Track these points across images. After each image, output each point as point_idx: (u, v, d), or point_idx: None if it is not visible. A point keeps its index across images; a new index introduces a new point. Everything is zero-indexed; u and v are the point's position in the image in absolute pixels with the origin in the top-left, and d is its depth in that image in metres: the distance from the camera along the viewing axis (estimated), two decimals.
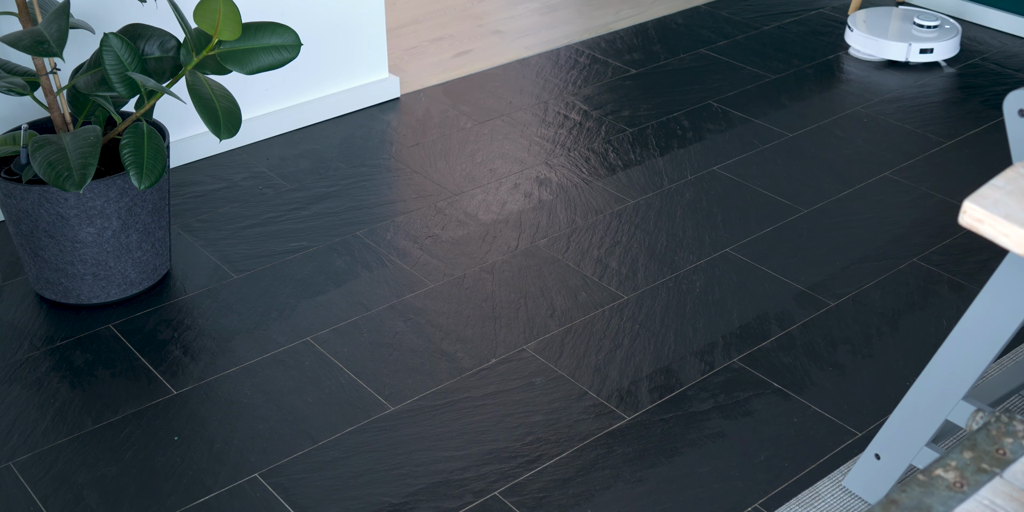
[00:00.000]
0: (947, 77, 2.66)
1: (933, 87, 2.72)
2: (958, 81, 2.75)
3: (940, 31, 2.79)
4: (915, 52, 2.73)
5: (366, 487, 1.57)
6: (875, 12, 2.95)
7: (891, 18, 2.90)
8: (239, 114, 1.72)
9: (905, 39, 2.76)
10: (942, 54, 2.76)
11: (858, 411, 1.71)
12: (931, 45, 2.75)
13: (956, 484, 0.75)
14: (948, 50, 2.78)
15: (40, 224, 1.81)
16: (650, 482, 1.58)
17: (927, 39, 2.76)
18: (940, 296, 1.98)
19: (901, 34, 2.79)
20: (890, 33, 2.80)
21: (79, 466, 1.60)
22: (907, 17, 2.89)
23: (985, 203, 0.96)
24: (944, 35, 2.78)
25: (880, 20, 2.89)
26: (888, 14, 2.94)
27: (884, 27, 2.83)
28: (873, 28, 2.82)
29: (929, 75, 2.76)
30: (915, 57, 2.74)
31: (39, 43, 1.63)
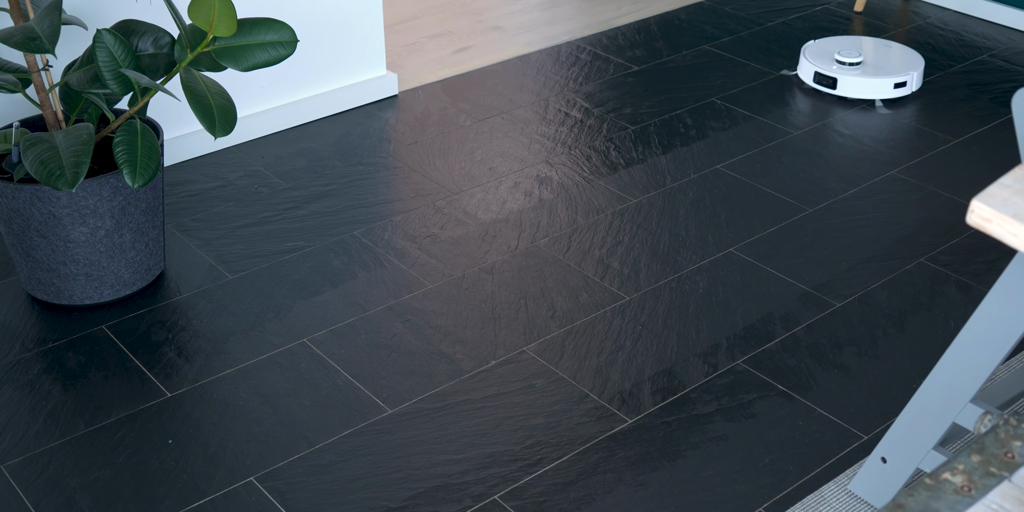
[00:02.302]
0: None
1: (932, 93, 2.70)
2: (966, 79, 2.73)
3: (864, 68, 2.60)
4: (850, 87, 2.58)
5: (363, 491, 1.56)
6: (838, 41, 2.76)
7: (841, 48, 2.70)
8: (234, 112, 1.72)
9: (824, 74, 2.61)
10: (864, 92, 2.58)
11: (864, 414, 1.70)
12: (848, 80, 2.57)
13: (964, 488, 0.74)
14: (880, 89, 2.58)
15: (32, 223, 1.80)
16: (652, 486, 1.57)
17: (843, 75, 2.59)
18: (947, 297, 1.97)
19: (823, 67, 2.62)
20: (817, 64, 2.63)
21: (71, 469, 1.59)
22: (876, 48, 2.73)
23: (993, 202, 0.95)
24: (877, 72, 2.59)
25: (828, 50, 2.71)
26: (843, 44, 2.74)
27: (826, 58, 2.66)
28: (815, 57, 2.67)
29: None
30: (852, 93, 2.59)
31: (31, 39, 1.61)
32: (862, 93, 2.60)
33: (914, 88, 2.63)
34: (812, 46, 2.73)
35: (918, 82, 2.64)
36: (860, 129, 2.53)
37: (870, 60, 2.67)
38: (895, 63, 2.66)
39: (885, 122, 2.55)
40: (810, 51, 2.71)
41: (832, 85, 2.61)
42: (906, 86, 2.60)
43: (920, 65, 2.64)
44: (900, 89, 2.60)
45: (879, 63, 2.66)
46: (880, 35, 2.96)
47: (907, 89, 2.61)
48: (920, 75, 2.63)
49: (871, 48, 2.73)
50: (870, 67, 2.63)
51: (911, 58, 2.69)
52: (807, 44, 2.74)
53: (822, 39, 2.75)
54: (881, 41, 2.77)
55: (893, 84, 2.58)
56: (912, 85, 2.62)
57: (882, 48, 2.74)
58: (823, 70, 2.62)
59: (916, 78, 2.62)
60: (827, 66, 2.63)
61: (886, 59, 2.68)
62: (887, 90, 2.60)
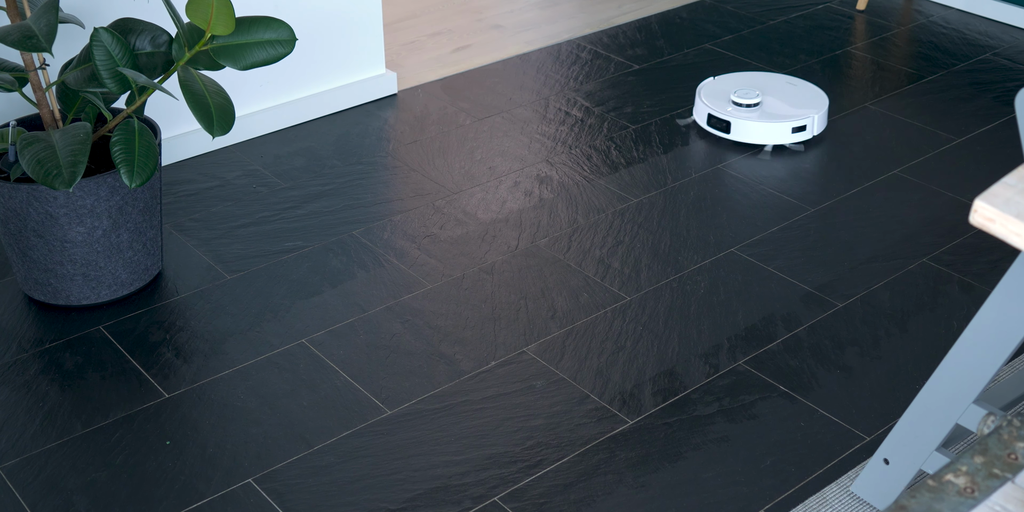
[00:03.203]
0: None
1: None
2: (968, 77, 2.72)
3: (761, 110, 2.37)
4: (744, 132, 2.36)
5: (362, 493, 1.55)
6: (739, 78, 2.53)
7: (740, 87, 2.47)
8: (232, 111, 1.71)
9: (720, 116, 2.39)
10: (760, 137, 2.35)
11: (866, 415, 1.69)
12: (742, 124, 2.35)
13: (967, 490, 0.74)
14: (776, 134, 2.34)
15: (29, 223, 1.79)
16: (653, 487, 1.56)
17: (737, 118, 2.36)
18: (950, 297, 1.96)
19: (717, 109, 2.40)
20: (711, 106, 2.42)
21: (69, 471, 1.59)
22: (779, 87, 2.48)
23: (996, 202, 0.95)
24: (775, 115, 2.36)
25: (726, 90, 2.48)
26: (744, 82, 2.51)
27: (722, 99, 2.44)
28: (711, 98, 2.45)
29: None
30: (747, 138, 2.37)
31: (27, 38, 1.61)
32: (757, 138, 2.37)
33: (815, 132, 2.39)
34: (709, 85, 2.50)
35: (820, 125, 2.40)
36: (862, 128, 2.51)
37: (769, 101, 2.43)
38: (797, 104, 2.42)
39: (886, 121, 2.54)
40: (706, 91, 2.49)
41: (726, 129, 2.38)
42: (805, 130, 2.37)
43: (823, 106, 2.41)
44: (799, 134, 2.36)
45: (779, 105, 2.42)
46: (882, 33, 2.95)
47: (807, 133, 2.37)
48: (823, 117, 2.40)
49: (773, 87, 2.49)
50: (768, 109, 2.40)
51: (815, 98, 2.45)
52: (704, 82, 2.52)
53: (723, 76, 2.54)
54: (787, 78, 2.53)
55: (791, 128, 2.35)
56: (813, 129, 2.38)
57: (786, 87, 2.49)
58: (717, 112, 2.39)
59: (817, 121, 2.38)
60: (722, 108, 2.40)
61: (788, 100, 2.44)
62: (784, 135, 2.36)
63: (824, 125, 2.42)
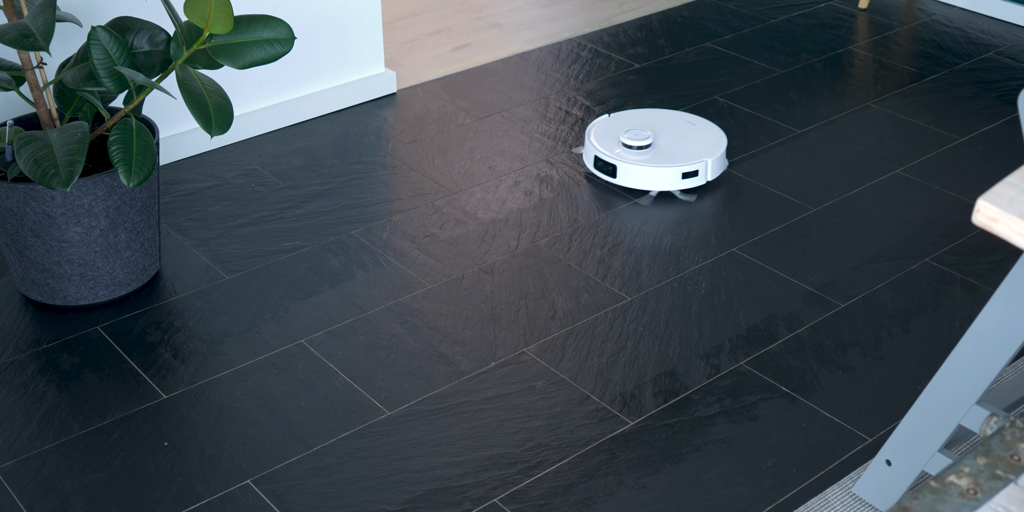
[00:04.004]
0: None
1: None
2: (971, 76, 2.71)
3: (651, 153, 2.18)
4: (631, 177, 2.17)
5: (362, 494, 1.55)
6: (635, 116, 2.34)
7: (632, 127, 2.29)
8: (231, 110, 1.70)
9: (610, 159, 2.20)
10: (647, 183, 2.16)
11: (868, 415, 1.69)
12: (629, 169, 2.15)
13: (969, 491, 0.73)
14: (665, 179, 2.15)
15: (26, 223, 1.78)
16: (654, 489, 1.56)
17: (623, 162, 2.17)
18: (953, 297, 1.95)
19: (604, 151, 2.21)
20: (599, 147, 2.22)
21: (66, 472, 1.58)
22: (675, 126, 2.29)
23: (999, 201, 0.94)
24: (665, 158, 2.17)
25: (618, 129, 2.29)
26: (639, 121, 2.32)
27: (612, 139, 2.26)
28: (600, 138, 2.26)
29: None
30: (633, 183, 2.18)
31: (25, 37, 1.60)
32: (645, 184, 2.17)
33: (709, 177, 2.19)
34: (600, 123, 2.30)
35: (716, 170, 2.20)
36: (864, 128, 2.50)
37: (662, 142, 2.23)
38: (690, 146, 2.22)
39: (889, 120, 2.53)
40: (597, 130, 2.28)
41: (612, 173, 2.18)
42: (698, 176, 2.17)
43: (720, 148, 2.22)
44: (691, 179, 2.16)
45: (672, 147, 2.22)
46: (885, 32, 2.95)
47: (700, 179, 2.17)
48: (720, 161, 2.20)
49: (670, 127, 2.29)
50: (659, 151, 2.20)
51: (712, 140, 2.25)
52: (596, 121, 2.32)
53: (620, 113, 2.34)
54: (686, 116, 2.34)
55: (681, 173, 2.15)
56: (706, 174, 2.17)
57: (682, 126, 2.29)
58: (604, 155, 2.19)
59: (712, 166, 2.18)
60: (610, 149, 2.21)
61: (682, 141, 2.24)
62: (674, 180, 2.16)
63: (722, 169, 2.22)
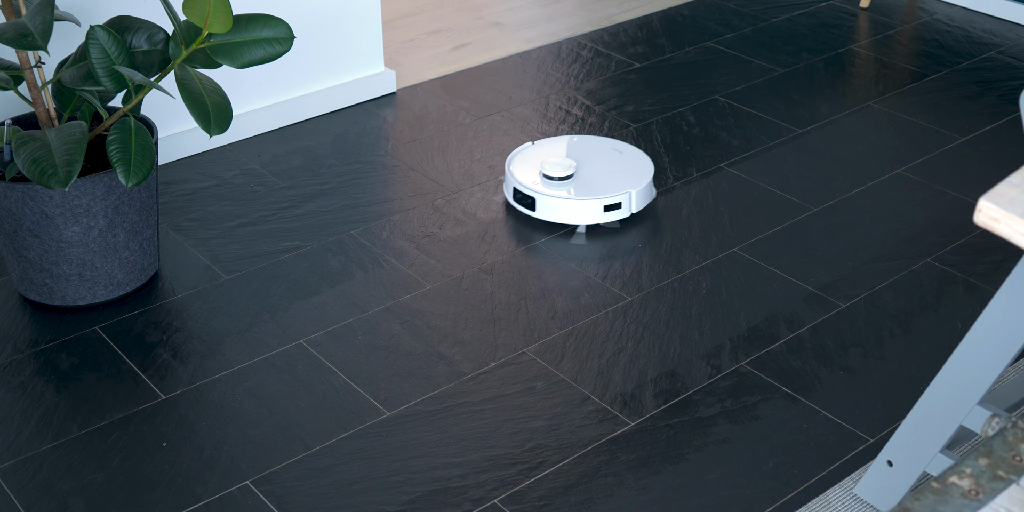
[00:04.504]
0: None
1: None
2: (973, 76, 2.71)
3: (572, 184, 2.06)
4: (550, 210, 2.05)
5: (361, 495, 1.54)
6: (559, 143, 2.22)
7: (554, 156, 2.17)
8: (230, 109, 1.70)
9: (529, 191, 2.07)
10: (567, 216, 2.04)
11: (870, 416, 1.68)
12: (548, 201, 2.02)
13: (971, 492, 0.74)
14: (586, 213, 2.02)
15: (24, 223, 1.78)
16: (655, 490, 1.55)
17: (542, 194, 2.05)
18: (954, 297, 1.94)
19: (523, 183, 2.09)
20: (518, 178, 2.10)
21: (64, 473, 1.58)
22: (601, 156, 2.17)
23: (1001, 201, 0.94)
24: (586, 190, 2.05)
25: (539, 159, 2.17)
26: (564, 149, 2.20)
27: (533, 169, 2.14)
28: (521, 168, 2.13)
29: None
30: (553, 216, 2.06)
31: (23, 36, 1.60)
32: (564, 217, 2.05)
33: (633, 210, 2.07)
34: (523, 152, 2.19)
35: (641, 202, 2.08)
36: (865, 127, 2.50)
37: (585, 172, 2.11)
38: (615, 177, 2.10)
39: (890, 120, 2.53)
40: (518, 160, 2.16)
41: (531, 206, 2.07)
42: (620, 209, 2.05)
43: (646, 179, 2.10)
44: (613, 212, 2.05)
45: (595, 177, 2.10)
46: (886, 31, 2.94)
47: (623, 212, 2.06)
48: (646, 192, 2.09)
49: (594, 155, 2.17)
50: (581, 183, 2.08)
51: (638, 170, 2.13)
52: (518, 149, 2.21)
53: (544, 140, 2.23)
54: (613, 144, 2.21)
55: (603, 206, 2.04)
56: (630, 207, 2.06)
57: (609, 155, 2.17)
58: (522, 187, 2.08)
59: (637, 198, 2.07)
60: (529, 180, 2.10)
61: (606, 171, 2.12)
62: (596, 214, 2.04)
63: (649, 199, 2.11)
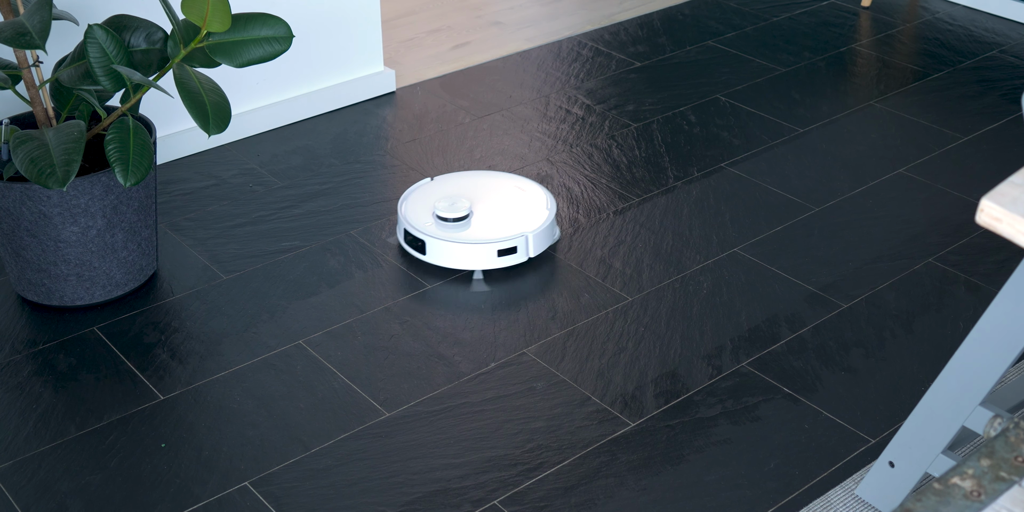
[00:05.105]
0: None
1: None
2: (975, 75, 2.70)
3: (465, 227, 1.93)
4: (440, 254, 1.92)
5: (360, 496, 1.53)
6: (457, 181, 2.07)
7: (449, 195, 2.01)
8: (228, 109, 1.69)
9: (420, 233, 1.94)
10: (459, 261, 1.92)
11: (871, 417, 1.67)
12: (438, 245, 1.90)
13: (973, 493, 0.73)
14: (479, 258, 1.90)
15: (22, 223, 1.77)
16: (655, 491, 1.54)
17: (433, 237, 1.92)
18: (956, 297, 1.94)
19: (414, 224, 1.96)
20: (410, 219, 1.97)
21: (62, 474, 1.57)
22: (500, 194, 2.03)
23: (1003, 201, 0.94)
24: (479, 233, 1.91)
25: (434, 197, 2.03)
26: (460, 187, 2.05)
27: (426, 209, 2.00)
28: (414, 208, 2.00)
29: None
30: (444, 261, 1.93)
31: (21, 35, 1.59)
32: (456, 262, 1.93)
33: (530, 254, 1.93)
34: (418, 190, 2.06)
35: (539, 246, 1.94)
36: (867, 127, 2.49)
37: (481, 213, 1.98)
38: (512, 218, 1.97)
39: (892, 119, 2.52)
40: (411, 199, 2.03)
41: (422, 249, 1.95)
42: (516, 253, 1.92)
43: (545, 220, 1.96)
44: (508, 257, 1.92)
45: (491, 218, 1.96)
46: (888, 30, 2.93)
47: (519, 257, 1.93)
48: (544, 234, 1.95)
49: (494, 193, 2.03)
50: (475, 225, 1.95)
51: (538, 209, 1.99)
52: (415, 186, 2.08)
53: (444, 176, 2.09)
54: (517, 181, 2.07)
55: (497, 251, 1.91)
56: (526, 251, 1.92)
57: (509, 193, 2.03)
58: (413, 228, 1.95)
59: (534, 241, 1.93)
60: (421, 222, 1.96)
61: (504, 212, 1.99)
62: (489, 259, 1.92)
63: (551, 241, 1.98)
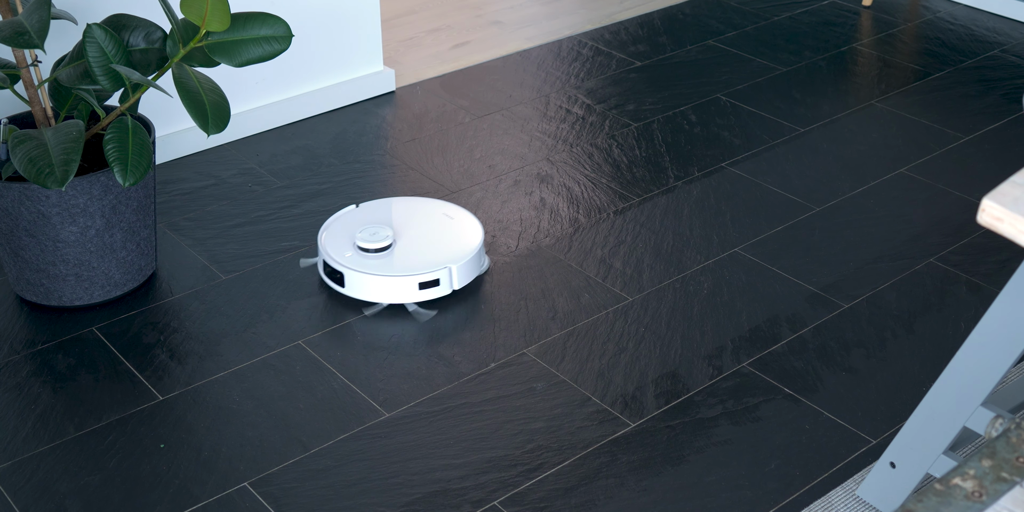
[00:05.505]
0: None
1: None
2: (976, 74, 2.69)
3: (388, 258, 1.83)
4: (359, 287, 1.83)
5: (360, 497, 1.53)
6: (383, 208, 1.97)
7: (372, 223, 1.92)
8: (228, 108, 1.69)
9: (339, 262, 1.85)
10: (379, 294, 1.83)
11: (872, 417, 1.67)
12: (356, 277, 1.81)
13: (975, 494, 0.73)
14: (400, 291, 1.81)
15: (20, 223, 1.77)
16: (656, 491, 1.54)
17: (352, 269, 1.83)
18: (958, 297, 1.93)
19: (334, 256, 1.87)
20: (330, 249, 1.88)
21: (61, 475, 1.57)
22: (427, 222, 1.93)
23: (1005, 201, 0.94)
24: (400, 265, 1.82)
25: (357, 225, 1.94)
26: (389, 213, 1.96)
27: (347, 239, 1.90)
28: (335, 238, 1.90)
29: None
30: (363, 294, 1.84)
31: (19, 34, 1.59)
32: (376, 296, 1.84)
33: (455, 286, 1.84)
34: (343, 218, 1.96)
35: (464, 277, 1.86)
36: (868, 126, 2.49)
37: (404, 243, 1.88)
38: (436, 249, 1.87)
39: (893, 119, 2.51)
40: (333, 228, 1.93)
41: (340, 281, 1.85)
42: (439, 286, 1.83)
43: (471, 251, 1.87)
44: (430, 290, 1.83)
45: (414, 249, 1.87)
46: (889, 30, 2.93)
47: (442, 290, 1.84)
48: (470, 265, 1.87)
49: (420, 222, 1.93)
50: (397, 256, 1.85)
51: (464, 239, 1.89)
52: (338, 213, 1.98)
53: (369, 203, 2.00)
54: (445, 208, 1.98)
55: (418, 284, 1.81)
56: (450, 283, 1.83)
57: (437, 221, 1.93)
58: (332, 260, 1.86)
59: (458, 273, 1.84)
60: (340, 252, 1.87)
61: (428, 242, 1.89)
62: (411, 292, 1.83)
63: (477, 272, 1.89)
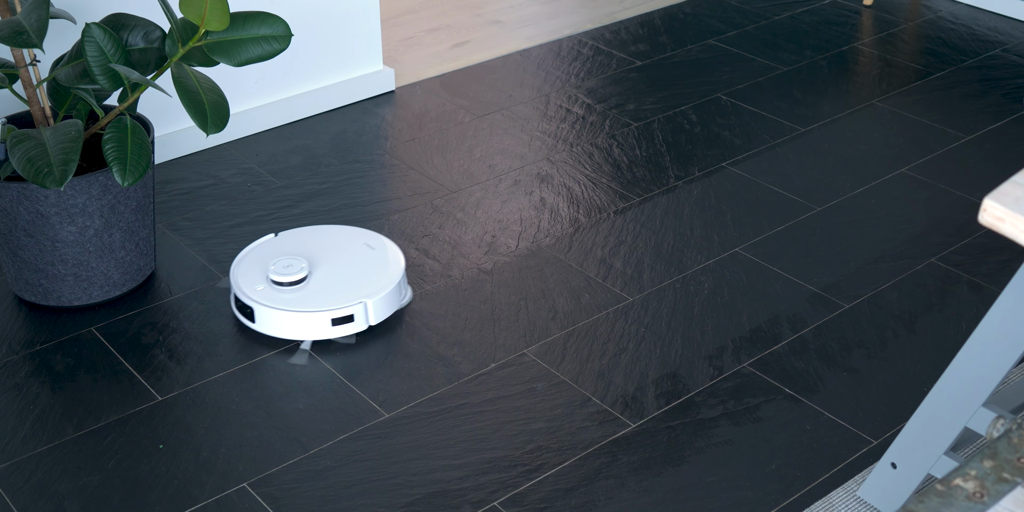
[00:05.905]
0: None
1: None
2: (977, 74, 2.69)
3: (302, 292, 1.76)
4: (269, 323, 1.76)
5: (359, 497, 1.53)
6: (303, 237, 1.90)
7: (287, 255, 1.84)
8: (227, 108, 1.69)
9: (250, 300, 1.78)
10: (290, 331, 1.75)
11: (873, 418, 1.67)
12: (267, 313, 1.74)
13: (976, 494, 0.73)
14: (311, 327, 1.74)
15: (19, 223, 1.77)
16: (656, 492, 1.54)
17: (262, 304, 1.76)
18: (959, 298, 1.93)
19: (244, 290, 1.79)
20: (242, 283, 1.81)
21: (60, 475, 1.57)
22: (346, 253, 1.85)
23: (1006, 201, 0.94)
24: (313, 299, 1.75)
25: (272, 257, 1.85)
26: (306, 244, 1.88)
27: (260, 272, 1.83)
28: (249, 270, 1.83)
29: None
30: (274, 330, 1.77)
31: (18, 34, 1.58)
32: (286, 332, 1.76)
33: (371, 322, 1.77)
34: (260, 248, 1.88)
35: (381, 313, 1.78)
36: (869, 126, 2.48)
37: (320, 275, 1.81)
38: (352, 282, 1.80)
39: (894, 118, 2.51)
40: (247, 260, 1.86)
41: (251, 317, 1.78)
42: (353, 322, 1.75)
43: (390, 284, 1.79)
44: (344, 326, 1.75)
45: (329, 282, 1.80)
46: (890, 29, 2.92)
47: (356, 326, 1.76)
48: (389, 299, 1.79)
49: (337, 252, 1.85)
50: (310, 290, 1.78)
51: (384, 272, 1.81)
52: (255, 244, 1.90)
53: (289, 231, 1.92)
54: (367, 237, 1.90)
55: (331, 320, 1.74)
56: (365, 319, 1.76)
57: (356, 251, 1.85)
58: (243, 294, 1.78)
59: (375, 308, 1.76)
60: (252, 286, 1.79)
61: (345, 274, 1.81)
62: (323, 328, 1.75)
63: (397, 306, 1.82)
